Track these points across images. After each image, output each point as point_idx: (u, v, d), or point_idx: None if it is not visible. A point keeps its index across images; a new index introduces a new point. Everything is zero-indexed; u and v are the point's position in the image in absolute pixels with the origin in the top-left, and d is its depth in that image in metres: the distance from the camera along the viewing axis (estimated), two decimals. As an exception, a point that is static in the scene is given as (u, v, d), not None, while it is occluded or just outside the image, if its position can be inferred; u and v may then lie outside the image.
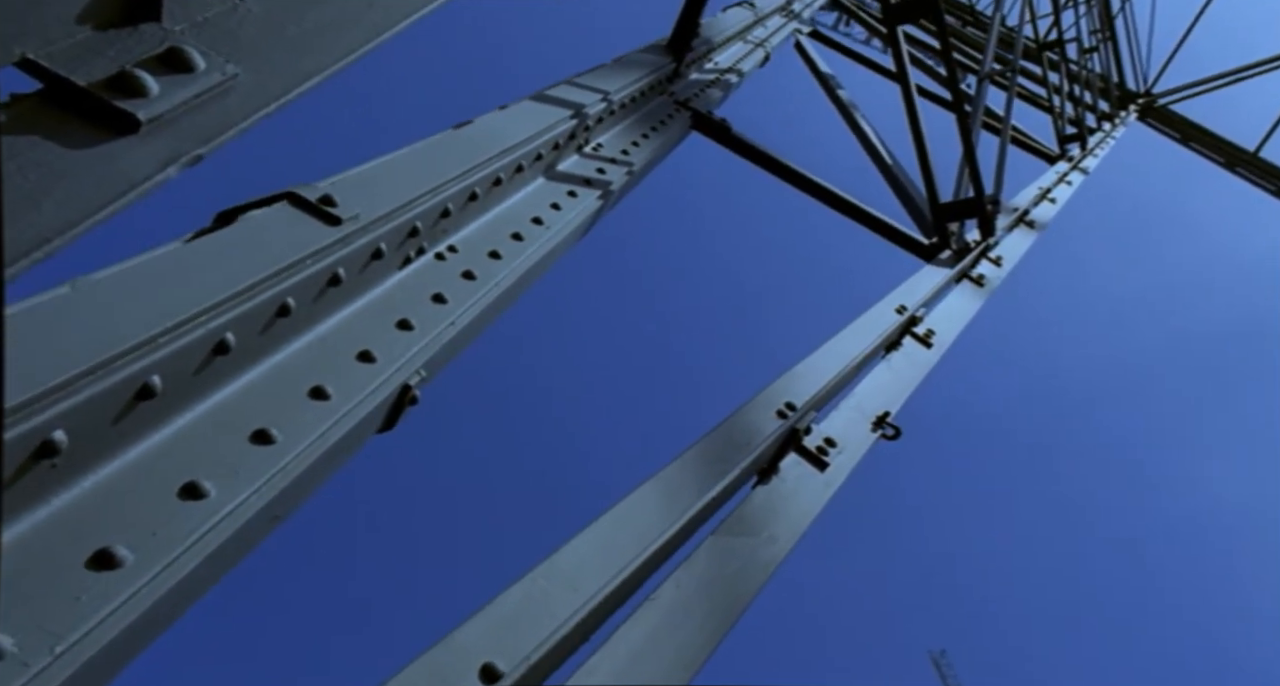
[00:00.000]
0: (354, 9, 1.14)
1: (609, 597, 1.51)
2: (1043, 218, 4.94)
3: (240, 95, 0.99)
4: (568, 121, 2.71)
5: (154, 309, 1.32)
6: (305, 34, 1.09)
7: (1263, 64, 11.48)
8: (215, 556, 1.32)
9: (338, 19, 1.12)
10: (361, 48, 1.12)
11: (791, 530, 1.92)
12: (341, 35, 1.12)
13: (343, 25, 1.12)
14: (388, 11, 1.18)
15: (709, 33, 4.47)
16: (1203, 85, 11.59)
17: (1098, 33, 9.31)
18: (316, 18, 1.11)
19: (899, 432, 2.47)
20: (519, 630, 1.34)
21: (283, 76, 1.04)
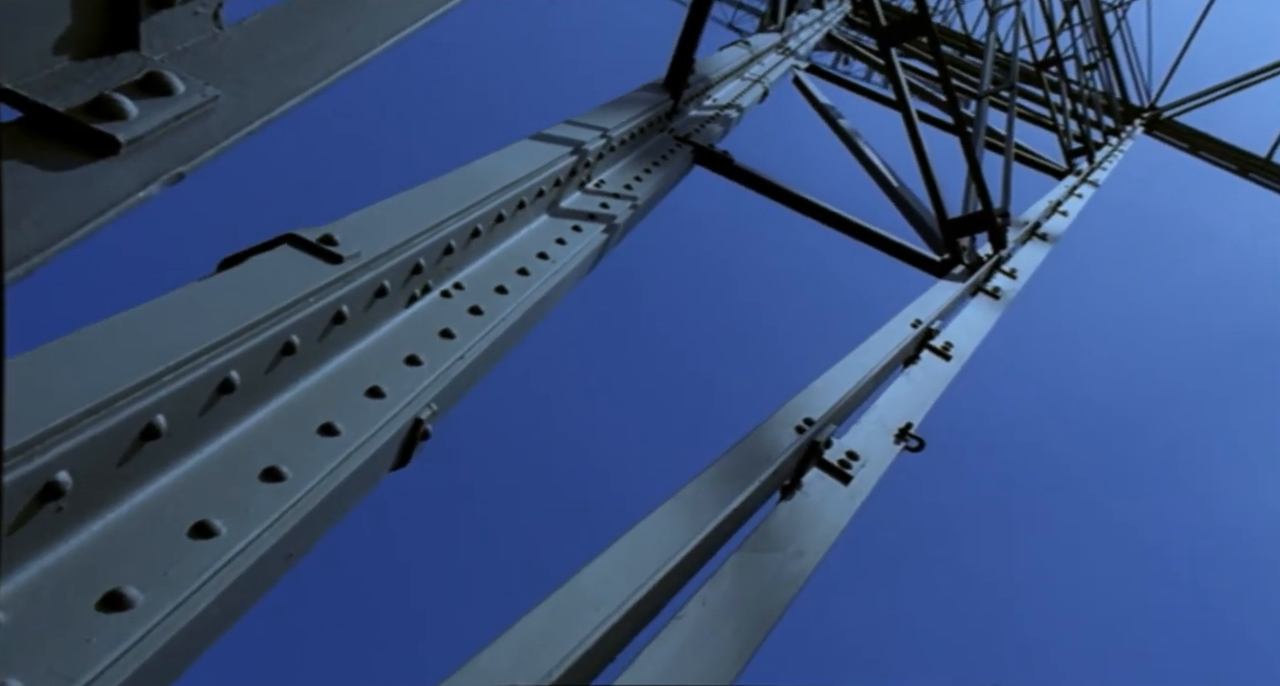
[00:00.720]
0: (333, 34, 1.15)
1: (634, 617, 1.47)
2: (1055, 230, 4.91)
3: (221, 116, 1.00)
4: (568, 158, 2.73)
5: (156, 349, 1.32)
6: (285, 58, 1.10)
7: (1264, 71, 11.48)
8: (229, 595, 1.31)
9: (318, 43, 1.13)
10: (341, 69, 1.13)
11: (818, 544, 1.88)
12: (321, 58, 1.12)
13: (322, 49, 1.13)
14: (367, 35, 1.19)
15: (705, 70, 4.51)
16: (1207, 95, 11.59)
17: (1096, 50, 9.34)
18: (296, 43, 1.12)
19: (923, 444, 2.44)
20: (543, 652, 1.31)
21: (264, 98, 1.05)
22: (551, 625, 1.36)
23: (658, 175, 3.39)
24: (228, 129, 0.99)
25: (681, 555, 1.54)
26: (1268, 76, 11.32)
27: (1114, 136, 8.83)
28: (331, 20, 1.16)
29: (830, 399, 2.19)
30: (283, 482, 1.47)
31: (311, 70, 1.10)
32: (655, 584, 1.51)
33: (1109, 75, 10.84)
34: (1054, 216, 5.18)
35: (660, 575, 1.50)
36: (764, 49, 5.89)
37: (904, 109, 4.16)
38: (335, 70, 1.12)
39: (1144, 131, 10.48)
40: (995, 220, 3.74)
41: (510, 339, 2.21)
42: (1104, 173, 6.91)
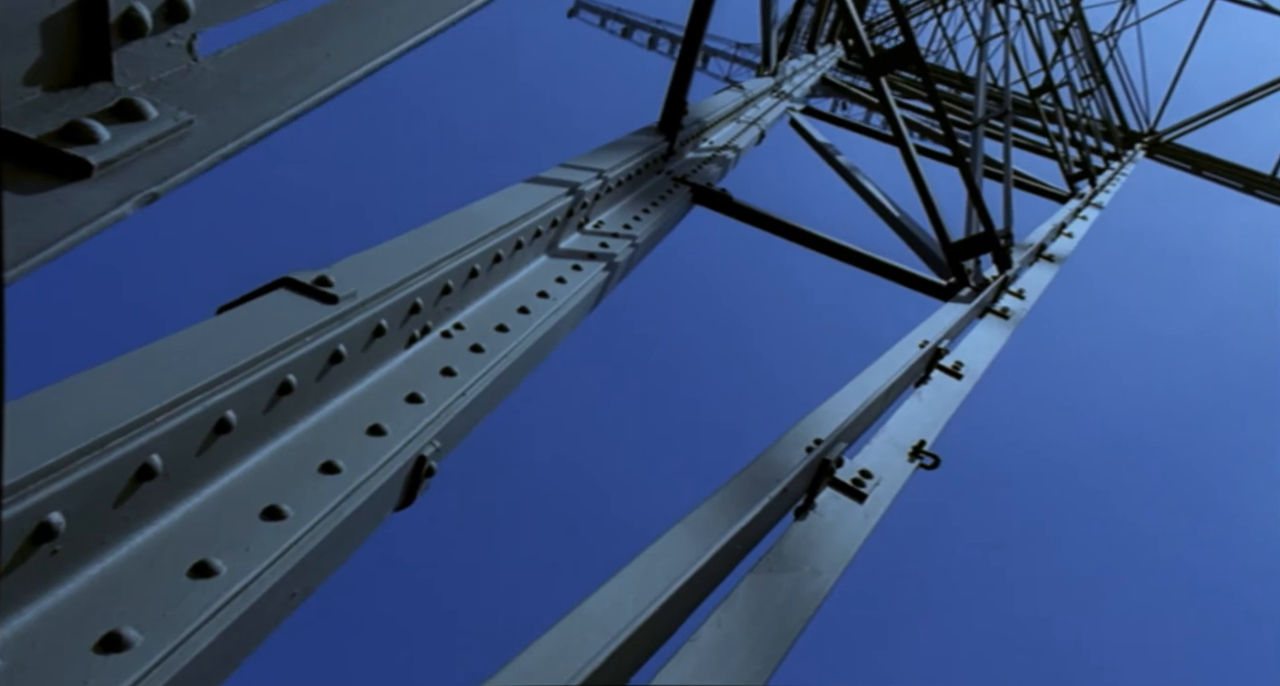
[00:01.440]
0: (310, 60, 1.16)
1: (645, 640, 1.44)
2: (1061, 251, 4.90)
3: (196, 140, 1.01)
4: (564, 198, 2.74)
5: (149, 390, 1.32)
6: (260, 85, 1.10)
7: (1260, 90, 11.51)
8: (231, 634, 1.28)
9: (294, 70, 1.14)
10: (319, 93, 1.14)
11: (835, 562, 1.84)
12: (298, 84, 1.13)
13: (299, 76, 1.14)
14: (344, 61, 1.20)
15: (699, 113, 4.55)
16: (1205, 117, 11.62)
17: (1090, 77, 9.40)
18: (272, 71, 1.13)
19: (938, 461, 2.40)
20: (552, 677, 1.27)
21: (239, 122, 1.05)
22: (560, 650, 1.33)
23: (656, 214, 3.40)
24: (202, 151, 1.00)
25: (692, 576, 1.50)
26: (1263, 95, 11.35)
27: (1115, 161, 8.84)
28: (308, 48, 1.17)
29: (839, 418, 2.17)
30: (284, 521, 1.45)
31: (288, 95, 1.11)
32: (665, 606, 1.47)
33: (1105, 102, 10.90)
34: (1059, 238, 5.16)
35: (670, 597, 1.47)
36: (758, 93, 5.95)
37: (899, 138, 4.18)
38: (312, 94, 1.13)
39: (1145, 155, 10.50)
40: (998, 241, 3.73)
41: (513, 376, 2.20)
42: (1107, 195, 6.91)
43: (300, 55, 1.16)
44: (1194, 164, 10.78)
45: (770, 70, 6.47)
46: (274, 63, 1.14)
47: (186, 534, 1.36)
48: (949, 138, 4.47)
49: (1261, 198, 10.29)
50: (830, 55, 9.39)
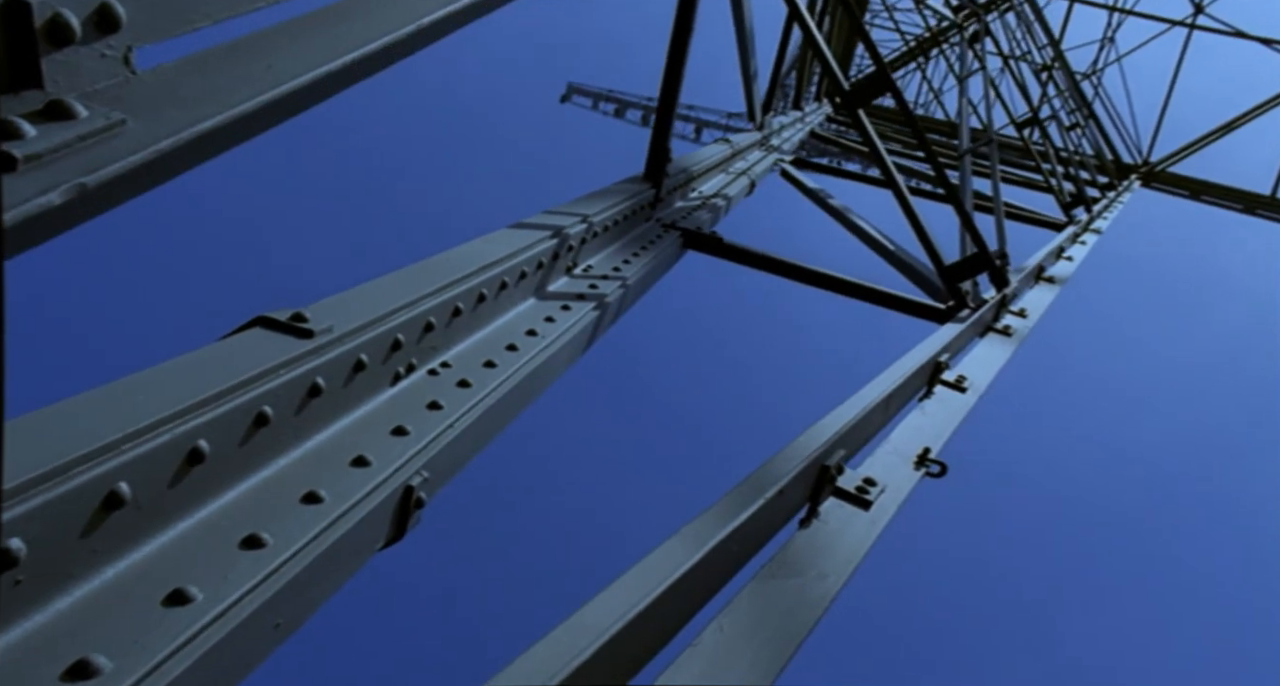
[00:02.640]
0: (252, 72, 1.17)
1: (641, 642, 1.39)
2: (1062, 273, 4.87)
3: (128, 138, 1.00)
4: (548, 241, 2.74)
5: (115, 417, 1.30)
6: (198, 92, 1.11)
7: (1249, 114, 11.58)
8: (210, 661, 1.24)
9: (233, 81, 1.15)
10: (258, 99, 1.14)
11: (841, 567, 1.79)
12: (239, 91, 1.14)
13: (239, 85, 1.15)
14: (285, 72, 1.20)
15: (687, 164, 4.59)
16: (1197, 144, 11.67)
17: (1076, 113, 9.48)
18: (211, 81, 1.14)
19: (945, 469, 2.35)
20: (545, 680, 1.22)
21: (173, 123, 1.05)
22: (555, 658, 1.28)
23: (646, 258, 3.40)
24: (135, 148, 0.99)
25: (684, 573, 1.45)
26: (1251, 119, 11.42)
27: (1110, 191, 8.86)
28: (249, 62, 1.18)
29: (837, 426, 2.12)
30: (263, 549, 1.42)
31: (226, 100, 1.11)
32: (659, 604, 1.42)
33: (1096, 138, 10.97)
34: (1059, 262, 5.14)
35: (663, 594, 1.41)
36: (745, 146, 6.01)
37: (883, 167, 4.19)
38: (252, 99, 1.13)
39: (1142, 185, 10.52)
40: (993, 261, 3.71)
41: (504, 411, 2.17)
42: (1105, 221, 6.90)
43: (241, 68, 1.17)
44: (1191, 190, 10.79)
45: (756, 124, 6.54)
46: (213, 73, 1.15)
47: (162, 565, 1.33)
48: (936, 169, 4.48)
49: (1263, 217, 10.27)
50: (818, 111, 9.52)
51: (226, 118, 1.11)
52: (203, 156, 1.10)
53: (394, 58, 1.57)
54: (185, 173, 1.11)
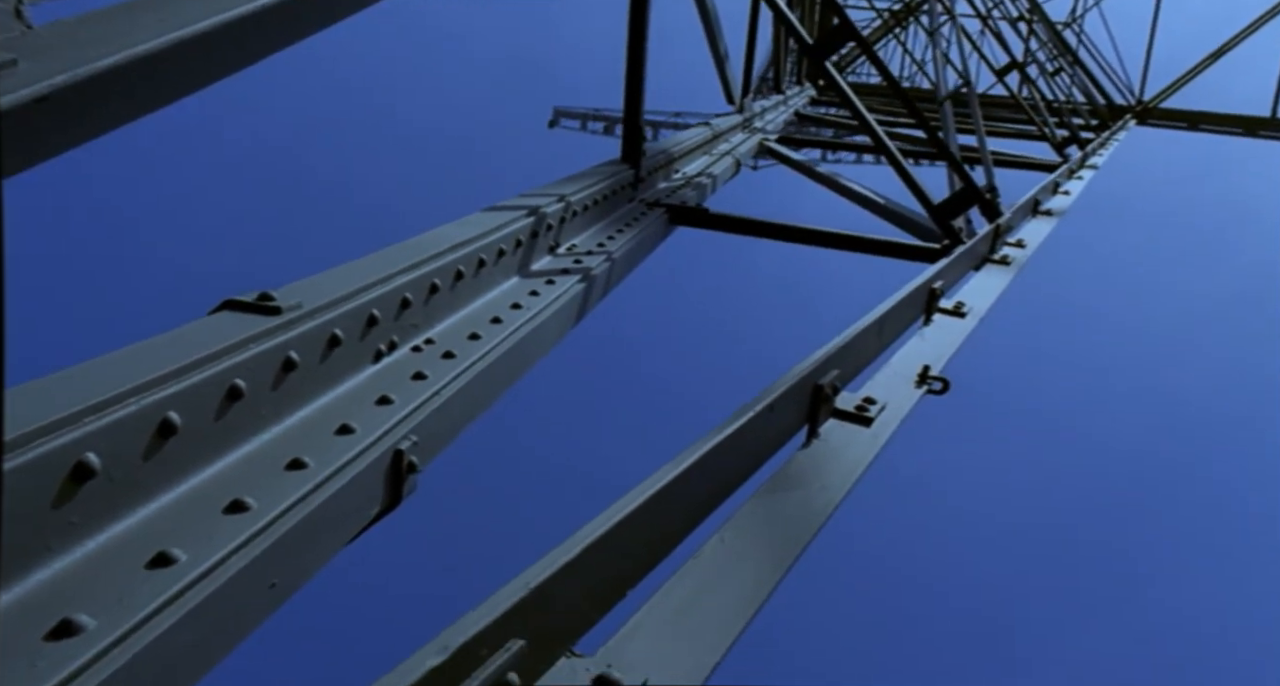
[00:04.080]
0: (149, 22, 1.17)
1: (641, 558, 1.36)
2: (1059, 207, 4.82)
3: (20, 76, 1.00)
4: (524, 219, 2.74)
5: (77, 392, 1.30)
6: (94, 38, 1.11)
7: (1237, 38, 11.47)
8: (197, 618, 1.23)
9: (131, 27, 1.15)
10: (157, 40, 1.14)
11: (842, 480, 1.76)
12: (134, 37, 1.13)
13: (134, 32, 1.15)
14: (185, 18, 1.20)
15: (667, 146, 4.58)
16: (1189, 75, 11.56)
17: (1059, 57, 9.42)
18: (108, 29, 1.14)
19: (947, 385, 2.31)
20: (557, 592, 1.18)
21: (66, 61, 1.05)
22: (552, 565, 1.24)
23: (631, 234, 3.39)
24: (27, 82, 0.99)
25: (678, 490, 1.43)
26: (1242, 40, 11.30)
27: (1104, 132, 8.78)
28: (148, 13, 1.18)
29: (841, 355, 2.09)
30: (247, 513, 1.41)
31: (124, 43, 1.11)
32: (658, 523, 1.40)
33: (1085, 83, 10.89)
34: (1056, 196, 5.09)
35: (662, 514, 1.39)
36: (727, 128, 6.00)
37: (865, 126, 4.17)
38: (151, 41, 1.13)
39: (1137, 123, 10.43)
40: (983, 195, 3.68)
41: (492, 381, 2.16)
42: (1101, 158, 6.83)
43: (143, 17, 1.17)
44: (1188, 121, 10.69)
45: (736, 107, 6.53)
46: (111, 23, 1.15)
47: (145, 533, 1.32)
48: (917, 115, 4.46)
49: (1266, 137, 10.14)
50: (801, 94, 9.50)
51: (124, 57, 1.11)
52: (104, 98, 1.10)
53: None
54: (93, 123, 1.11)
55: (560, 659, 1.16)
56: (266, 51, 1.48)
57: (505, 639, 1.04)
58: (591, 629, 1.24)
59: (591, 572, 1.24)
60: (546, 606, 1.12)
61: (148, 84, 1.15)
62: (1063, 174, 5.58)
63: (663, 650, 1.21)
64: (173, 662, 1.19)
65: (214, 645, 1.27)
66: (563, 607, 1.17)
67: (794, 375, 1.89)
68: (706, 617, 1.30)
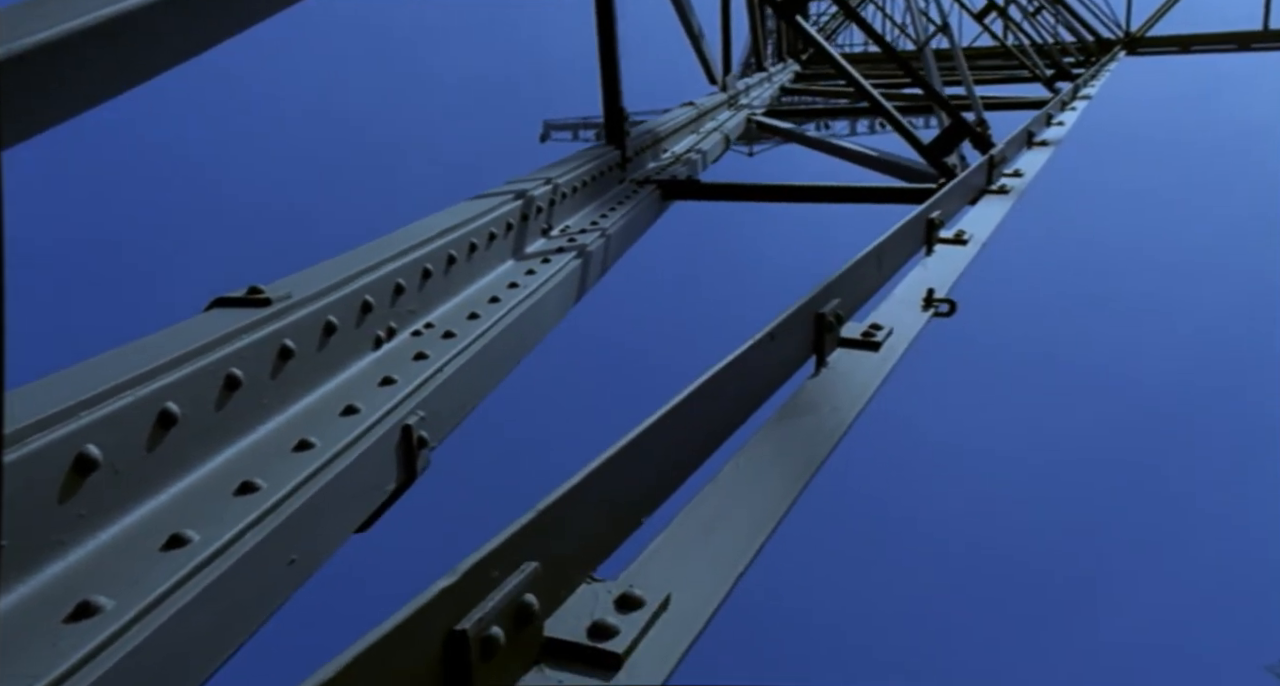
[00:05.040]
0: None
1: (658, 486, 1.35)
2: (1053, 137, 4.77)
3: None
4: (512, 203, 2.73)
5: (71, 388, 1.30)
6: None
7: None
8: (215, 594, 1.23)
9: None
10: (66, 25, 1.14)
11: (854, 401, 1.74)
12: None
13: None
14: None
15: (653, 127, 4.57)
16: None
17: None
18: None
19: (954, 307, 2.29)
20: (566, 531, 1.17)
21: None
22: (570, 499, 1.21)
23: (623, 210, 3.38)
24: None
25: (682, 416, 1.41)
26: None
27: (1091, 65, 8.70)
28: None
29: (843, 284, 2.06)
30: (257, 493, 1.41)
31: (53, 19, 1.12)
32: (669, 450, 1.38)
33: (1070, 22, 10.80)
34: (1050, 127, 5.03)
35: (671, 441, 1.38)
36: (712, 106, 5.98)
37: (850, 82, 4.15)
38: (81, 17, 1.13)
39: (1127, 53, 10.33)
40: (973, 128, 3.64)
41: (496, 356, 2.15)
42: (1093, 88, 6.77)
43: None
44: (1179, 45, 10.57)
45: (721, 86, 6.51)
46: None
47: (157, 521, 1.32)
48: (894, 58, 4.43)
49: (1260, 50, 10.02)
50: (785, 70, 9.48)
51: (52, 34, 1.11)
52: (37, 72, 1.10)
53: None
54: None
55: (581, 585, 1.15)
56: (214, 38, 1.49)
57: (518, 562, 1.03)
58: (611, 556, 1.23)
59: (604, 498, 1.23)
60: (559, 530, 1.11)
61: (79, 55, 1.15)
62: (1055, 106, 5.52)
63: (683, 569, 1.20)
64: (194, 638, 1.19)
65: (236, 621, 1.27)
66: (577, 532, 1.16)
67: (795, 305, 1.87)
68: (725, 537, 1.28)
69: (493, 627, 0.96)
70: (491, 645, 0.96)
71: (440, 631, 0.93)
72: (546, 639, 1.05)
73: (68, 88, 1.17)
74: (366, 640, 0.84)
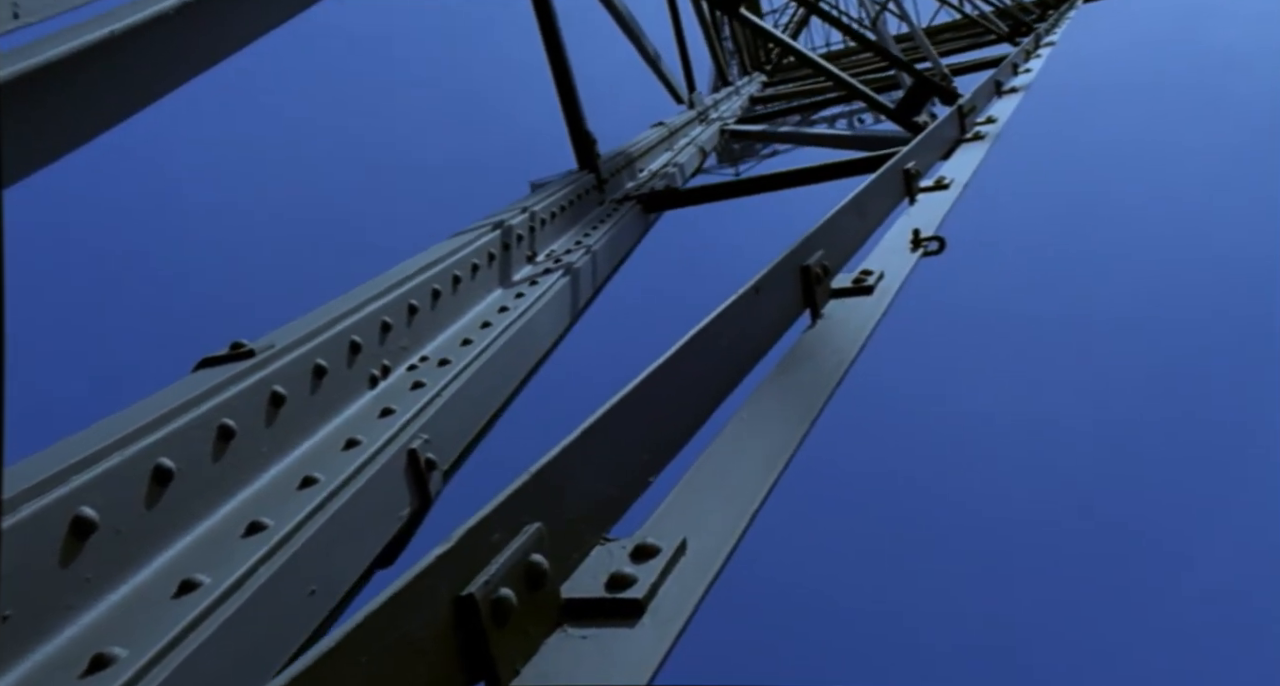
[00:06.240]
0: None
1: (660, 445, 1.31)
2: (1021, 83, 4.74)
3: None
4: (490, 233, 2.73)
5: (61, 454, 1.28)
6: None
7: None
8: (230, 632, 1.20)
9: None
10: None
11: (850, 344, 1.70)
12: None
13: None
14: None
15: (625, 148, 4.58)
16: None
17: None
18: None
19: (943, 244, 2.25)
20: (567, 492, 1.13)
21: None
22: (565, 459, 1.18)
23: (605, 228, 3.37)
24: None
25: (675, 372, 1.38)
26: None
27: (1049, 18, 8.69)
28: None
29: (827, 235, 2.03)
30: (264, 532, 1.39)
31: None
32: (669, 413, 1.35)
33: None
34: (1017, 75, 5.01)
35: (670, 401, 1.34)
36: (682, 123, 5.99)
37: (819, 71, 4.16)
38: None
39: (1084, 1, 10.32)
40: (936, 83, 3.63)
41: (493, 377, 2.13)
42: (1055, 35, 6.75)
43: None
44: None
45: (688, 103, 6.54)
46: None
47: (168, 572, 1.30)
48: (854, 35, 4.43)
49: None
50: (752, 81, 9.53)
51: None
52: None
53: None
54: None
55: (596, 548, 1.12)
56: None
57: (520, 525, 1.00)
58: (622, 518, 1.19)
59: (603, 458, 1.19)
60: (559, 491, 1.08)
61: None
62: (1019, 56, 5.50)
63: (697, 517, 1.16)
64: (215, 675, 1.16)
65: (259, 654, 1.24)
66: (579, 492, 1.12)
67: (777, 258, 1.84)
68: (736, 482, 1.25)
69: (501, 589, 0.93)
70: (504, 607, 0.92)
71: (447, 598, 0.89)
72: (565, 601, 1.02)
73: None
74: (366, 610, 0.81)
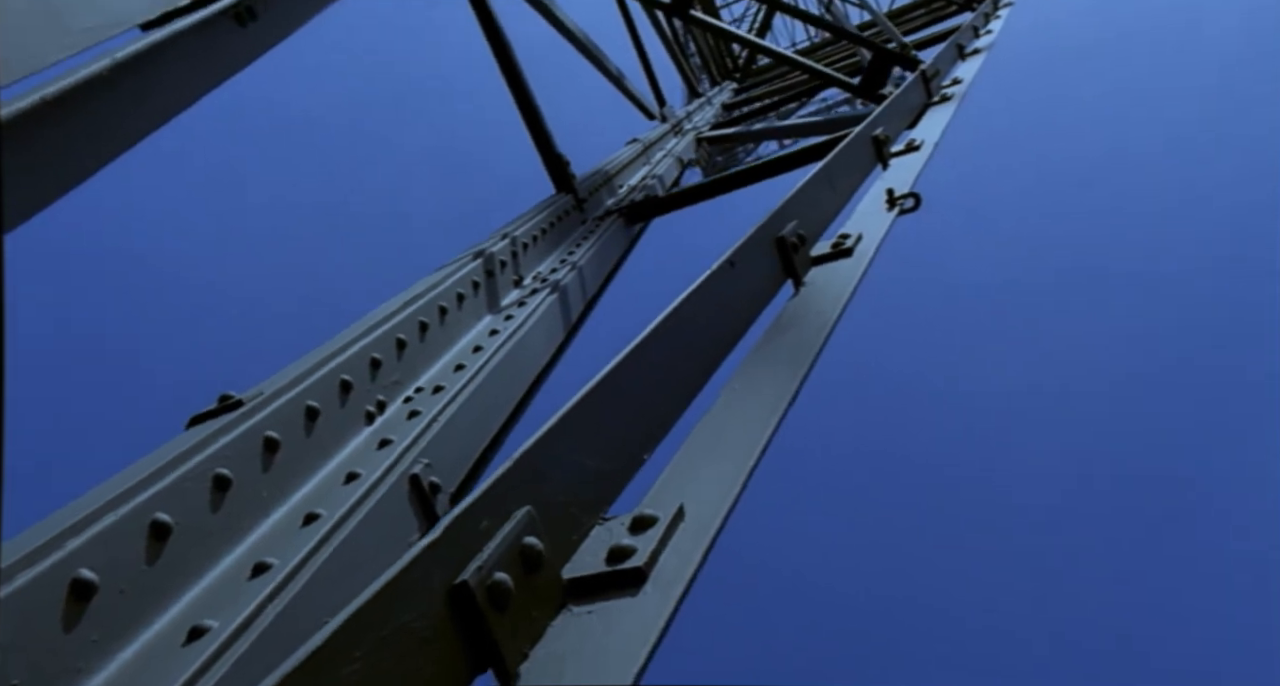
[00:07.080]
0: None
1: (648, 422, 1.29)
2: (983, 44, 4.73)
3: None
4: (471, 262, 2.72)
5: (54, 521, 1.27)
6: None
7: None
8: (241, 671, 1.18)
9: None
10: None
11: (834, 305, 1.68)
12: None
13: None
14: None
15: (602, 166, 4.58)
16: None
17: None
18: None
19: (919, 201, 2.23)
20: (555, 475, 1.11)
21: None
22: (547, 443, 1.15)
23: (590, 244, 3.36)
24: None
25: (656, 346, 1.36)
26: None
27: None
28: None
29: (799, 204, 2.01)
30: (269, 571, 1.37)
31: None
32: (652, 391, 1.33)
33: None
34: (979, 37, 5.00)
35: (659, 373, 1.32)
36: (657, 137, 6.01)
37: (784, 61, 4.16)
38: None
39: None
40: (895, 53, 3.62)
41: (489, 398, 2.12)
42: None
43: None
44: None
45: (660, 117, 6.56)
46: None
47: (176, 623, 1.28)
48: (809, 18, 4.43)
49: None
50: (723, 90, 9.56)
51: None
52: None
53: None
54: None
55: (595, 527, 1.09)
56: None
57: (509, 510, 0.98)
58: (619, 498, 1.17)
59: (590, 439, 1.17)
60: (546, 475, 1.06)
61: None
62: (979, 18, 5.50)
63: (693, 485, 1.14)
64: (237, 716, 1.14)
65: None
66: (569, 474, 1.10)
67: (750, 230, 1.82)
68: (729, 448, 1.22)
69: (496, 574, 0.91)
70: (501, 592, 0.90)
71: (440, 587, 0.87)
72: (568, 581, 0.99)
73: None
74: (355, 604, 0.79)
